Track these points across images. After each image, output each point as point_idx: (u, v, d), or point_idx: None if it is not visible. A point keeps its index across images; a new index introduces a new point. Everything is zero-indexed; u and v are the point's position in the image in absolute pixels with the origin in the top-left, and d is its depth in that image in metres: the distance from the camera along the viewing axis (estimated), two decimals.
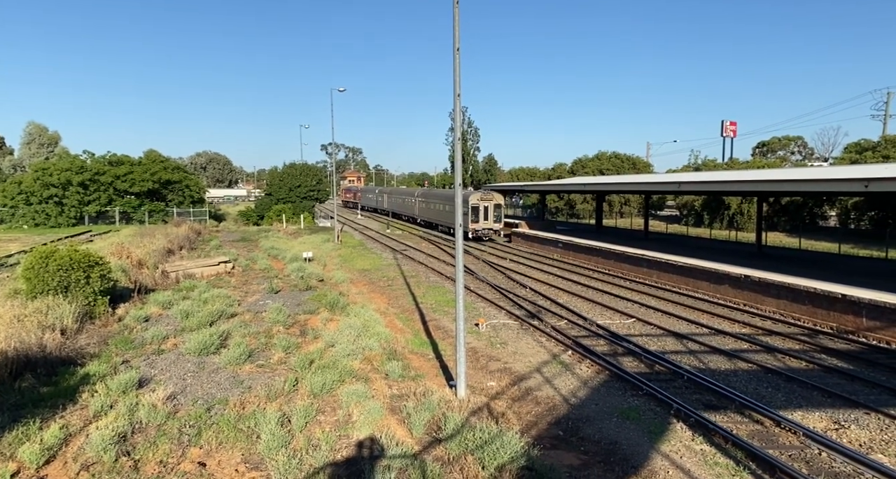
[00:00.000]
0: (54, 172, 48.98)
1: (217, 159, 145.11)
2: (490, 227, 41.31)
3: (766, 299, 18.93)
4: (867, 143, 45.64)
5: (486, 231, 41.22)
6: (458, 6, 10.16)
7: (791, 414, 10.54)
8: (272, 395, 10.14)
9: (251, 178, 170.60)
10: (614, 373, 12.88)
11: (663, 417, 10.55)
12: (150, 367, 11.84)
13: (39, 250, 15.95)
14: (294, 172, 61.64)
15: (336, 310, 17.23)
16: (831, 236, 35.99)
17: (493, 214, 41.28)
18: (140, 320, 15.55)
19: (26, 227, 47.65)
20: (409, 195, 60.52)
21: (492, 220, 41.29)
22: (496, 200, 41.55)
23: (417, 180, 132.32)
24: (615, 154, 69.24)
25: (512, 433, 8.34)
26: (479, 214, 40.73)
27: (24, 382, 10.49)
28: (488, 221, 41.14)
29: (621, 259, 27.06)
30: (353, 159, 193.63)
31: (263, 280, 22.64)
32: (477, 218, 40.62)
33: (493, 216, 41.28)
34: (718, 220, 46.78)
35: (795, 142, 66.16)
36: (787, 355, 14.20)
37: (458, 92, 10.44)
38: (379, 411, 9.40)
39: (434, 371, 12.72)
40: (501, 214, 42.31)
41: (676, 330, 16.49)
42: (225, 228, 50.32)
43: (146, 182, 52.13)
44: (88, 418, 9.03)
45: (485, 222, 41.00)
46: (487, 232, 41.33)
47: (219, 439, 8.42)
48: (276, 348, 13.18)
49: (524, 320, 17.83)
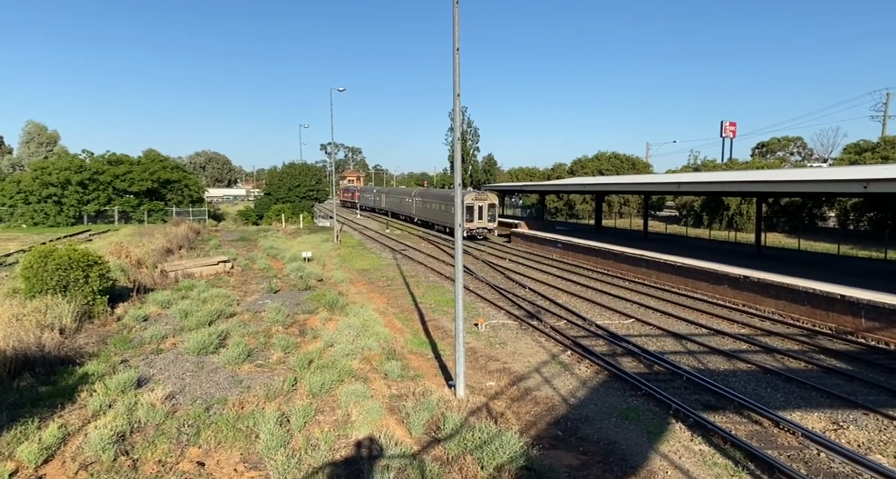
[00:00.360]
0: (53, 172, 48.93)
1: (216, 159, 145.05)
2: (484, 226, 42.62)
3: (766, 300, 18.94)
4: (866, 144, 45.68)
5: (480, 230, 42.49)
6: (457, 6, 10.16)
7: (790, 415, 10.55)
8: (271, 395, 10.14)
9: (250, 177, 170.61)
10: (613, 373, 12.88)
11: (662, 417, 10.56)
12: (148, 366, 11.83)
13: (38, 250, 15.94)
14: (293, 172, 61.61)
15: (335, 310, 17.22)
16: (830, 237, 36.01)
17: (488, 213, 42.60)
18: (139, 320, 15.54)
19: (25, 226, 47.60)
20: (406, 195, 61.41)
21: (486, 219, 42.60)
22: (490, 200, 42.78)
23: (417, 180, 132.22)
24: (615, 154, 69.23)
25: (511, 433, 8.34)
26: (474, 213, 41.91)
27: (22, 381, 10.48)
28: (482, 221, 42.46)
29: (620, 259, 27.07)
30: (353, 159, 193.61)
31: (262, 280, 22.63)
32: (472, 217, 41.79)
33: (487, 216, 42.58)
34: (718, 220, 46.82)
35: (795, 143, 66.19)
36: (785, 355, 14.21)
37: (457, 92, 10.43)
38: (378, 410, 9.39)
39: (433, 371, 12.71)
40: (495, 213, 43.62)
41: (675, 330, 16.50)
42: (224, 228, 50.31)
43: (145, 181, 52.06)
44: (87, 417, 9.02)
45: (479, 222, 42.30)
46: (482, 231, 42.63)
47: (217, 438, 8.41)
48: (275, 348, 13.18)
49: (523, 321, 17.83)
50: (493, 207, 42.93)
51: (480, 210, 42.20)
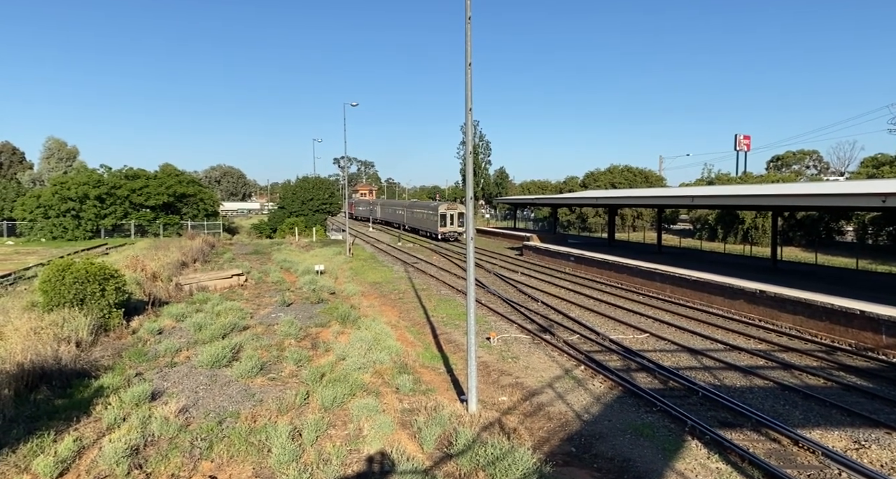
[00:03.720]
0: (72, 186, 49.82)
1: (231, 173, 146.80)
2: (455, 230, 52.42)
3: (782, 315, 18.65)
4: (884, 157, 45.15)
5: (452, 233, 52.35)
6: (470, 23, 10.28)
7: (809, 432, 10.32)
8: (283, 408, 10.15)
9: (264, 191, 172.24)
10: (628, 389, 12.71)
11: (678, 434, 10.39)
12: (162, 379, 11.91)
13: (56, 263, 16.20)
14: (306, 186, 62.17)
15: (347, 323, 17.26)
16: (848, 251, 35.48)
17: (458, 220, 52.54)
18: (153, 333, 15.69)
19: (44, 240, 48.41)
20: (399, 206, 71.97)
21: (456, 225, 52.52)
22: (460, 210, 53.11)
23: (429, 193, 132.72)
24: (627, 168, 68.98)
25: (524, 449, 8.26)
26: (447, 220, 52.35)
27: (39, 394, 10.62)
28: (454, 226, 52.44)
29: (634, 273, 26.86)
30: (366, 172, 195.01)
31: (276, 293, 22.76)
32: (445, 223, 52.21)
33: (457, 222, 52.48)
34: (732, 234, 46.30)
35: (810, 156, 65.65)
36: (804, 371, 13.94)
37: (469, 106, 10.52)
38: (389, 425, 9.36)
39: (445, 385, 12.65)
40: (465, 220, 47.44)
41: (691, 345, 16.29)
42: (238, 241, 50.78)
43: (161, 195, 52.80)
44: (102, 430, 9.09)
45: (451, 227, 52.38)
46: (453, 234, 52.39)
47: (230, 452, 8.43)
48: (287, 361, 13.22)
49: (536, 335, 17.71)
50: (462, 216, 51.60)
51: (452, 218, 52.31)
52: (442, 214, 51.81)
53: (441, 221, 51.72)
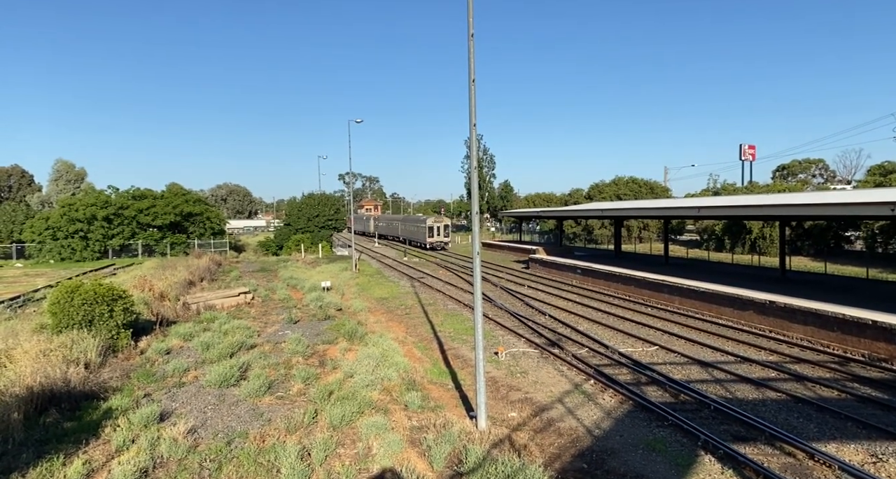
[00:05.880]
0: (80, 208, 50.24)
1: (237, 191, 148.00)
2: (441, 240, 60.40)
3: (793, 326, 18.47)
4: (891, 165, 44.97)
5: (439, 243, 60.12)
6: (472, 39, 10.38)
7: (825, 446, 10.15)
8: (292, 427, 10.10)
9: (270, 208, 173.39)
10: (639, 403, 12.57)
11: (691, 448, 10.24)
12: (171, 400, 11.89)
13: (65, 285, 16.29)
14: (312, 202, 62.54)
15: (354, 339, 17.21)
16: (858, 260, 35.20)
17: (444, 232, 60.79)
18: (161, 353, 15.70)
19: (53, 261, 48.73)
20: (394, 220, 78.90)
21: (442, 235, 60.54)
22: (445, 222, 62.08)
23: (433, 207, 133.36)
24: (632, 179, 69.01)
25: (535, 467, 8.16)
26: (434, 232, 60.38)
27: (48, 417, 10.61)
28: (440, 236, 60.42)
29: (642, 285, 26.71)
30: (371, 188, 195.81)
31: (283, 310, 22.77)
32: (433, 235, 60.21)
33: (443, 233, 60.71)
34: (740, 244, 46.09)
35: (816, 165, 65.49)
36: (817, 383, 13.76)
37: (473, 122, 10.59)
38: (399, 443, 9.28)
39: (454, 402, 12.55)
40: (449, 231, 62.37)
41: (701, 358, 16.12)
42: (245, 259, 50.93)
43: (168, 215, 53.17)
44: (111, 452, 9.06)
45: (438, 237, 60.23)
46: (440, 243, 60.19)
47: (239, 473, 8.37)
48: (295, 380, 13.17)
49: (544, 349, 17.59)
50: (447, 227, 61.57)
51: (439, 229, 60.53)
52: (430, 227, 60.08)
53: (429, 232, 59.80)
